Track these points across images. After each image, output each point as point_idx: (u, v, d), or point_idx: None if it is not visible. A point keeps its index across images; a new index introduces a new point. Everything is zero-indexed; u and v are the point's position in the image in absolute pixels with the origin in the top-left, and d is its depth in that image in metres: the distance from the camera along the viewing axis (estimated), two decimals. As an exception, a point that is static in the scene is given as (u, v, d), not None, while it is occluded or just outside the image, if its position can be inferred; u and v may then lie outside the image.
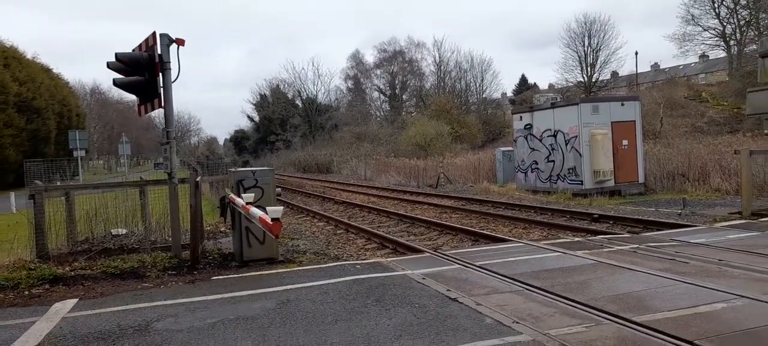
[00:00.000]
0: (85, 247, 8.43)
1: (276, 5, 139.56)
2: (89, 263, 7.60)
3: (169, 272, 7.16)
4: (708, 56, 57.69)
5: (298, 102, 71.23)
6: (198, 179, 7.69)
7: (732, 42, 46.47)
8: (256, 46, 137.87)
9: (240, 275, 6.91)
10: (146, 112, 8.08)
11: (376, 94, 68.16)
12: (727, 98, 37.38)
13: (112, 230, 9.28)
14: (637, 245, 7.74)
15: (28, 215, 8.20)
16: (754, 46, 35.35)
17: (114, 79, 7.73)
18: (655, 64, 69.44)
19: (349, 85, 70.29)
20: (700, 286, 5.40)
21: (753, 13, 43.01)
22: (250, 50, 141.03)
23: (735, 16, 45.71)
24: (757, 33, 39.32)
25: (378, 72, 66.47)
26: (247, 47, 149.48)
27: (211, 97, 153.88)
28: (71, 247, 8.42)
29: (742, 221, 9.77)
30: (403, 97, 65.05)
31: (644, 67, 63.08)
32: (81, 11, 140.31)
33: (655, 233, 9.25)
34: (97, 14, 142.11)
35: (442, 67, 59.54)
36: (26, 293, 6.40)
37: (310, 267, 7.29)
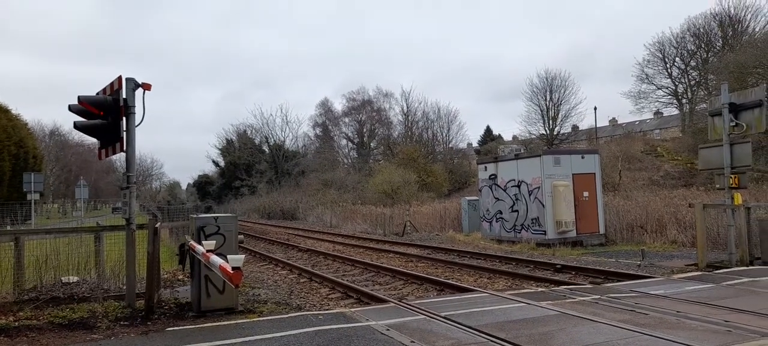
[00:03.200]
0: (32, 295, 7.99)
1: (248, 51, 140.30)
2: (36, 312, 7.20)
3: (122, 322, 6.83)
4: (662, 113, 60.56)
5: (265, 148, 70.88)
6: (157, 224, 7.47)
7: (684, 100, 48.98)
8: (229, 90, 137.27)
9: (197, 325, 6.64)
10: (107, 155, 7.89)
11: (344, 141, 68.54)
12: (681, 153, 39.01)
13: (62, 278, 8.84)
14: (599, 296, 7.83)
15: (-28, 261, 7.77)
16: (704, 105, 37.29)
17: (75, 122, 7.55)
18: (613, 119, 72.46)
19: (318, 132, 70.58)
20: (659, 338, 5.47)
21: (702, 74, 45.58)
22: (221, 94, 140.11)
23: (686, 76, 48.39)
24: (706, 93, 41.52)
25: (346, 120, 67.08)
26: (217, 91, 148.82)
27: (177, 141, 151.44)
28: (17, 295, 7.98)
29: (699, 273, 10.04)
30: (371, 145, 65.55)
31: (603, 122, 65.65)
32: (47, 52, 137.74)
33: (616, 283, 9.40)
34: (65, 57, 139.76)
35: (409, 117, 60.57)
36: (-37, 345, 5.99)
37: (271, 318, 7.07)
